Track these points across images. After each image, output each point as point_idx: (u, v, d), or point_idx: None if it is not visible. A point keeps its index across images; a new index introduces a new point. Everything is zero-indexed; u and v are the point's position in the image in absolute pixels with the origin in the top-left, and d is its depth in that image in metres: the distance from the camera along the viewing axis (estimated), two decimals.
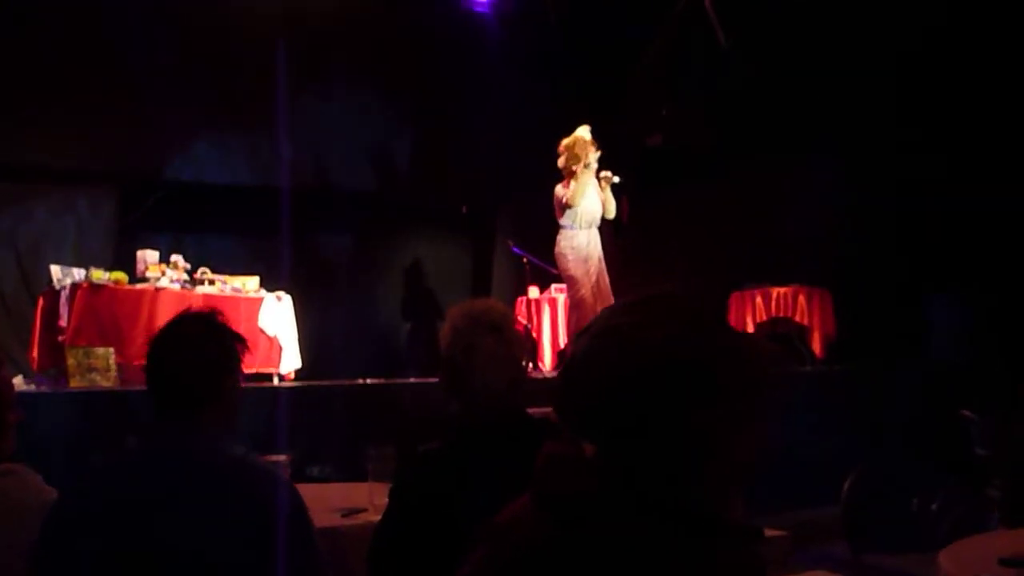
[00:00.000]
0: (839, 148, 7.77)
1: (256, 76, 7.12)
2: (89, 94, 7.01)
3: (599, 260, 6.31)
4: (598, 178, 6.30)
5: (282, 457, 2.38)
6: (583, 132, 6.30)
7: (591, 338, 1.04)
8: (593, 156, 6.23)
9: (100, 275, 6.01)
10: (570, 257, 6.24)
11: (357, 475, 2.83)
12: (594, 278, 6.26)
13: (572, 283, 6.31)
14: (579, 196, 6.16)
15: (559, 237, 6.33)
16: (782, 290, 7.78)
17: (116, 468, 1.87)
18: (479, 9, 8.38)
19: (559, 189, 6.30)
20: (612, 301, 6.15)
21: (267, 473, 1.84)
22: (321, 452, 4.78)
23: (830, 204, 8.03)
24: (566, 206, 6.19)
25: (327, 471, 4.44)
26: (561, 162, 6.33)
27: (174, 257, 6.41)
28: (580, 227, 6.26)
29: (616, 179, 6.30)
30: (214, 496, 1.73)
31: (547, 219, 6.60)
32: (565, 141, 6.33)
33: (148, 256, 6.39)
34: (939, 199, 7.13)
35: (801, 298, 7.70)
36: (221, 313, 1.96)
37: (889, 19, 7.05)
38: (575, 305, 6.38)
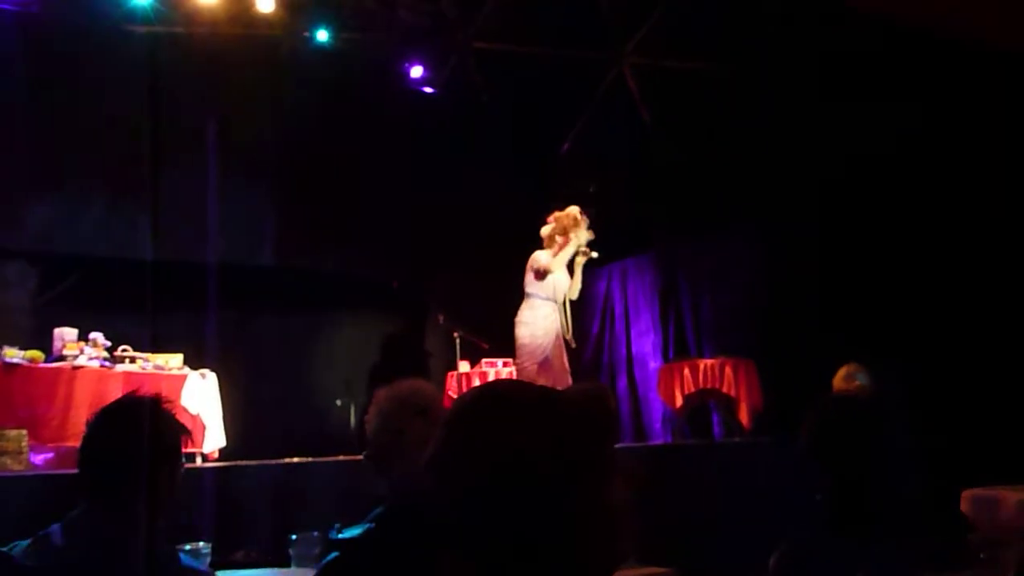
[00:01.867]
0: (762, 220, 8.01)
1: (181, 152, 7.08)
2: (5, 168, 6.87)
3: (556, 337, 6.32)
4: (580, 254, 6.38)
5: (202, 544, 2.30)
6: (574, 210, 6.40)
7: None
8: (583, 235, 6.33)
9: (13, 353, 5.80)
10: (529, 326, 6.25)
11: (282, 560, 2.75)
12: (546, 352, 6.26)
13: (520, 351, 6.32)
14: (559, 263, 6.25)
15: (524, 305, 6.34)
16: (709, 362, 7.91)
17: (40, 565, 1.74)
18: (413, 87, 8.51)
19: (539, 254, 6.34)
20: (565, 378, 6.19)
21: None
22: (246, 535, 4.63)
23: (754, 277, 8.24)
24: (544, 271, 6.22)
25: (251, 556, 4.30)
26: (546, 231, 6.41)
27: (93, 335, 6.23)
28: (547, 299, 6.30)
29: (595, 254, 6.39)
30: None
31: (477, 293, 6.62)
32: (557, 213, 6.43)
33: (66, 334, 6.20)
34: (860, 271, 7.38)
35: (728, 369, 7.83)
36: (167, 401, 1.91)
37: (809, 93, 7.37)
38: (519, 373, 6.40)
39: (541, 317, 6.27)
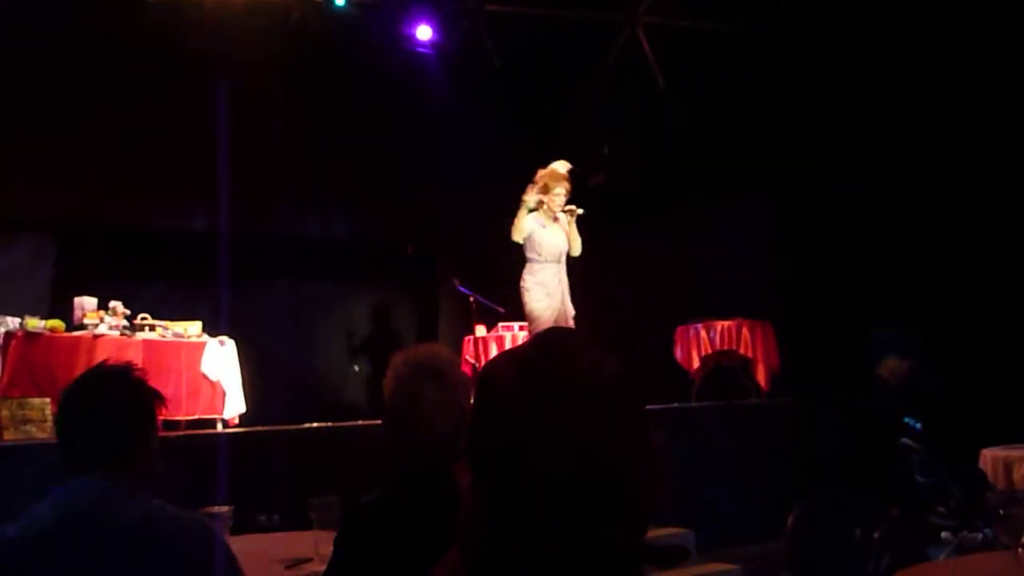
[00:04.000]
0: (779, 182, 7.95)
1: (195, 118, 7.08)
2: (22, 139, 6.90)
3: (563, 295, 6.18)
4: (565, 212, 6.18)
5: (224, 508, 2.33)
6: (557, 165, 6.20)
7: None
8: (560, 190, 6.13)
9: (35, 323, 5.85)
10: (533, 292, 6.10)
11: (303, 523, 2.78)
12: (556, 315, 6.13)
13: (532, 318, 6.17)
14: (518, 230, 6.06)
15: (524, 271, 6.19)
16: (726, 323, 7.88)
17: (28, 538, 1.74)
18: (421, 50, 8.45)
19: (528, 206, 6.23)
20: None
21: (188, 522, 1.80)
22: (266, 499, 4.69)
23: (772, 237, 8.20)
24: (513, 231, 6.08)
25: (272, 519, 4.35)
26: (530, 194, 6.28)
27: (113, 303, 6.27)
28: (545, 261, 6.16)
29: (580, 211, 6.15)
30: (132, 555, 1.69)
31: (491, 257, 6.61)
32: (541, 171, 6.27)
33: (86, 303, 6.24)
34: (878, 235, 7.33)
35: (745, 331, 7.81)
36: (138, 368, 1.92)
37: (821, 55, 7.28)
38: None
39: (546, 280, 6.14)
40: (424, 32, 8.39)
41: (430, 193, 8.59)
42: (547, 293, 6.10)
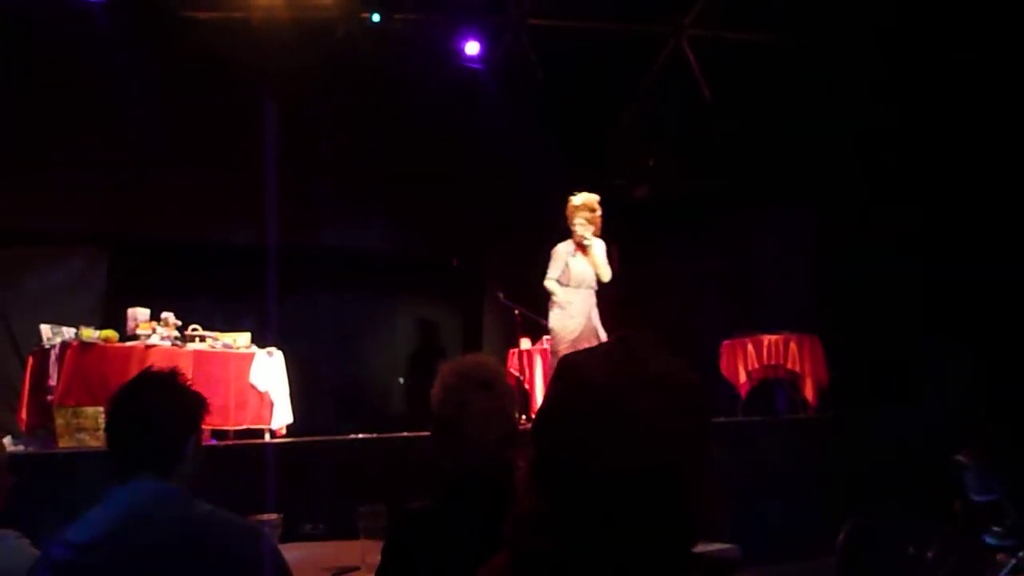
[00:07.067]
0: (825, 194, 7.85)
1: (244, 134, 7.19)
2: (78, 155, 7.06)
3: (587, 320, 6.22)
4: (580, 243, 6.24)
5: (273, 516, 2.36)
6: (575, 197, 6.29)
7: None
8: (579, 220, 6.23)
9: (90, 333, 5.98)
10: (557, 312, 6.26)
11: (349, 532, 2.80)
12: (580, 335, 6.13)
13: (552, 336, 6.37)
14: (556, 270, 6.23)
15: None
16: (773, 338, 7.79)
17: (89, 539, 1.79)
18: (470, 64, 8.51)
19: (556, 250, 6.31)
20: None
21: (240, 527, 1.83)
22: (313, 509, 4.73)
23: (819, 251, 8.10)
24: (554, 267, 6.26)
25: (319, 528, 4.39)
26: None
27: (164, 314, 6.39)
28: (573, 287, 6.23)
29: (587, 242, 6.21)
30: (187, 557, 1.72)
31: (536, 270, 6.62)
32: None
33: (138, 314, 6.37)
34: (926, 248, 7.20)
35: (792, 345, 7.71)
36: (181, 373, 1.96)
37: (868, 69, 7.19)
38: (552, 357, 6.54)
39: (570, 302, 6.22)
40: (472, 47, 8.45)
41: (476, 206, 8.62)
42: (571, 315, 6.19)
